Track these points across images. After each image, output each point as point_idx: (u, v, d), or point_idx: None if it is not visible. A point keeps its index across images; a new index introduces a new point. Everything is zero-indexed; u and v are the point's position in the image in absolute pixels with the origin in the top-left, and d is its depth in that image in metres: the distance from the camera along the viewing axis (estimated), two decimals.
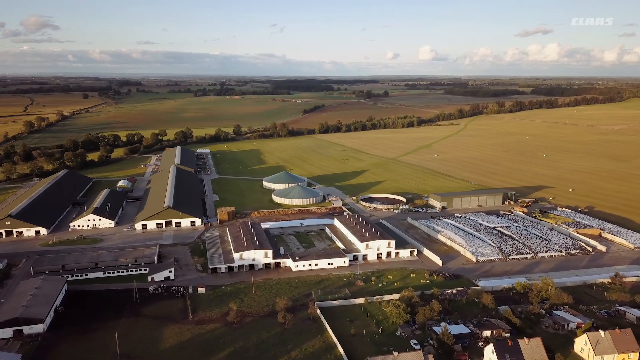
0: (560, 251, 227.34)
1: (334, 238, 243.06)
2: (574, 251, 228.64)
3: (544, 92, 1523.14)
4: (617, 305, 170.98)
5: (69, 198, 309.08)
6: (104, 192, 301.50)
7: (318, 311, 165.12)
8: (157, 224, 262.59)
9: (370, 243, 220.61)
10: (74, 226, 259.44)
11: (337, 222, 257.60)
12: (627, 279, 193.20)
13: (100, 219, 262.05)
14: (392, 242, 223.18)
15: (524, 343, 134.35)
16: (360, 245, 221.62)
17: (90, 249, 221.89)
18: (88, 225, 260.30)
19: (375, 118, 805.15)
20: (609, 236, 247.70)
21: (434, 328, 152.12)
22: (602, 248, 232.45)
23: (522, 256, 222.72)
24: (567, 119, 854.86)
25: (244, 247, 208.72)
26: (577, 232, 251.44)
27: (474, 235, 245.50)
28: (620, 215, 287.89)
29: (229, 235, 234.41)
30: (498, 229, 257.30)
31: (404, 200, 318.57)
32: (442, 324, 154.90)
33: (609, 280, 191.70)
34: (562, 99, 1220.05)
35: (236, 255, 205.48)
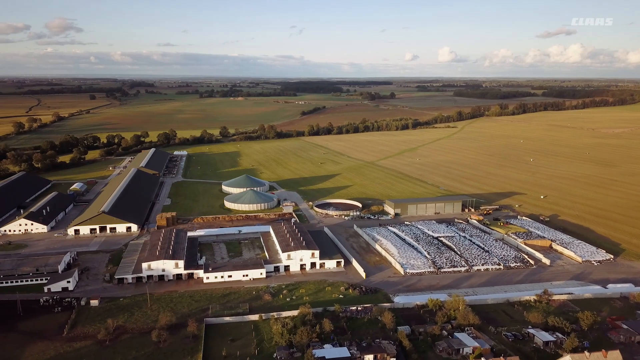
0: (499, 264, 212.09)
1: (264, 247, 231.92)
2: (514, 264, 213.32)
3: (555, 94, 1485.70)
4: (529, 327, 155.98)
5: (15, 201, 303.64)
6: (49, 196, 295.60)
7: (204, 329, 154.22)
8: (91, 229, 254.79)
9: (292, 253, 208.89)
10: (5, 231, 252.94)
11: (271, 230, 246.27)
12: (555, 297, 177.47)
13: (32, 224, 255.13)
14: (317, 253, 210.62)
15: None
16: (282, 255, 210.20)
17: None
18: (19, 230, 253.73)
19: (368, 120, 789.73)
20: (559, 248, 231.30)
21: (314, 351, 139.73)
22: (546, 261, 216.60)
23: (456, 269, 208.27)
24: (570, 121, 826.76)
25: (154, 257, 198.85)
26: (526, 244, 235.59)
27: (412, 246, 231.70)
28: (583, 225, 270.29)
29: (150, 243, 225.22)
30: (440, 238, 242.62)
31: (360, 206, 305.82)
32: (327, 345, 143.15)
33: (535, 297, 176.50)
34: (570, 101, 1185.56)
35: (144, 265, 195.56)
